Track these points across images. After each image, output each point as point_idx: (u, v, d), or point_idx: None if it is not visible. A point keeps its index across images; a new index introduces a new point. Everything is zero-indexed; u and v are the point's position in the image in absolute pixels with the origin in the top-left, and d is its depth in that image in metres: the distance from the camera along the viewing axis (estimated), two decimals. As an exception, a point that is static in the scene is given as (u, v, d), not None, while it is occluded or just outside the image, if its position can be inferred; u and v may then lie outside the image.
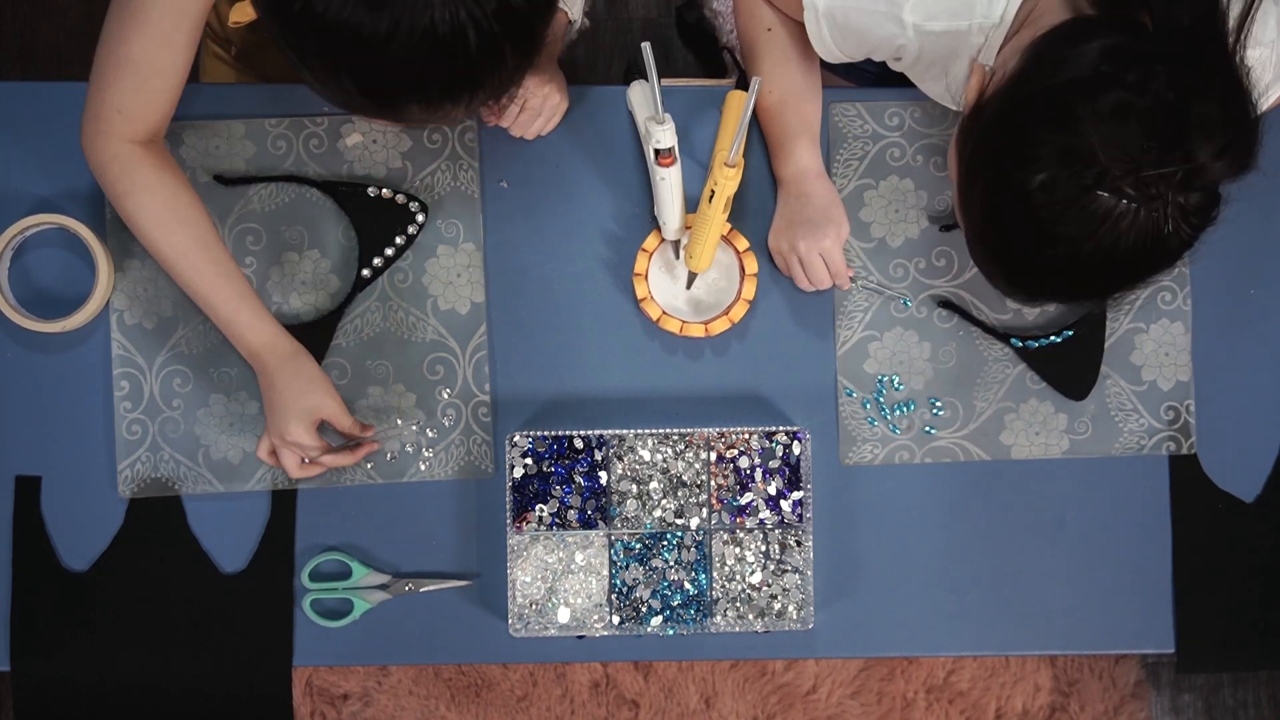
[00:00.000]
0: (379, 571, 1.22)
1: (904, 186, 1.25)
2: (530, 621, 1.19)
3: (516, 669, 1.95)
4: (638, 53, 1.38)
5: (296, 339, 1.16)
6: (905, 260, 1.25)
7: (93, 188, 1.21)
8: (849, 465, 1.24)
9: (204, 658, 1.21)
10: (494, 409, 1.23)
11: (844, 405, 1.25)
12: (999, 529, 1.25)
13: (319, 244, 1.22)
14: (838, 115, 1.25)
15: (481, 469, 1.23)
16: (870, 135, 1.25)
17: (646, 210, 1.22)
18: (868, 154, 1.25)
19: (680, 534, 1.20)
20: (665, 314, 1.22)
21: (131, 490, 1.21)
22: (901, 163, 1.25)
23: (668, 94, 1.25)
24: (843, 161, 1.25)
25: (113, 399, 1.21)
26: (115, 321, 1.22)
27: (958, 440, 1.25)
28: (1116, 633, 1.25)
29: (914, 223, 1.25)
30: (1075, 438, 1.25)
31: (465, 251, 1.23)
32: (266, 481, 1.22)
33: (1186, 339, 1.26)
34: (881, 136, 1.25)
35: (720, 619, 1.20)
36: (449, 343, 1.23)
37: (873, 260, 1.25)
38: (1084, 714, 2.00)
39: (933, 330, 1.25)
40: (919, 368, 1.25)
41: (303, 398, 1.13)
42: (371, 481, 1.23)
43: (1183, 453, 1.26)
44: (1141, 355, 1.26)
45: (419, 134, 1.23)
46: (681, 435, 1.20)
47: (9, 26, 2.03)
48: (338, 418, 1.16)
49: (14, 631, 1.21)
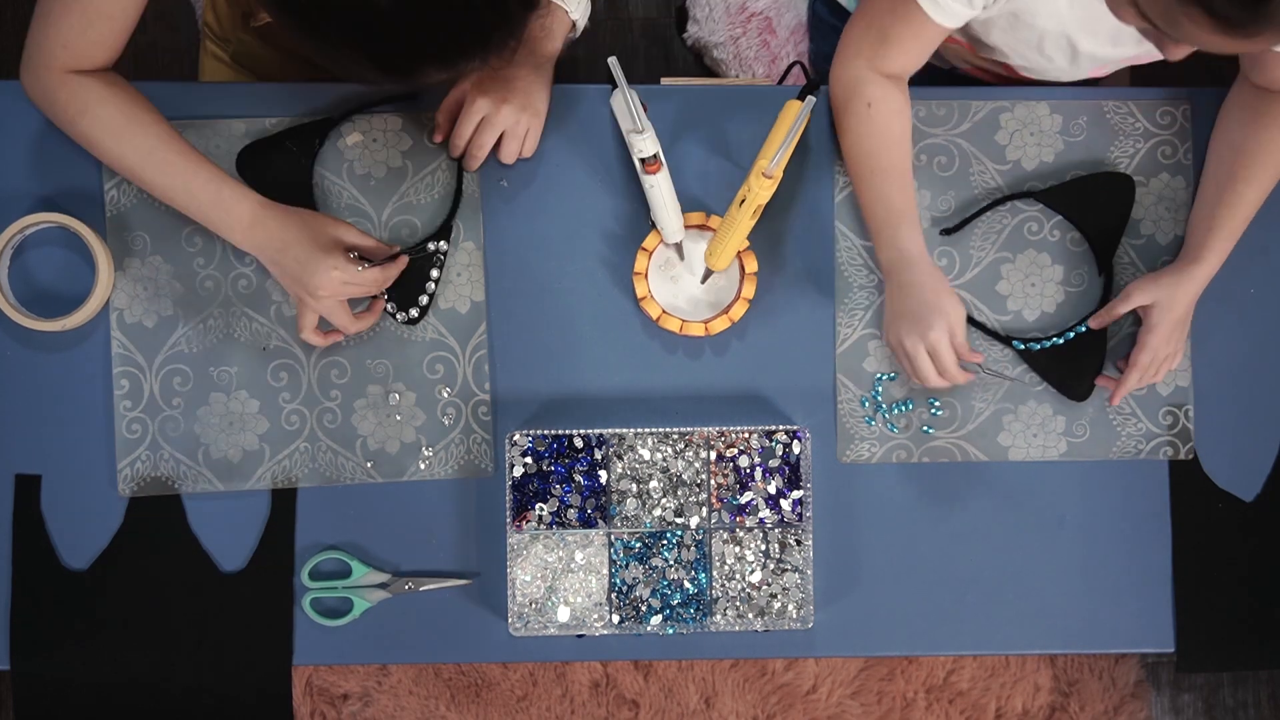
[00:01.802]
0: (379, 570, 1.22)
1: (905, 186, 1.25)
2: (530, 620, 1.19)
3: (516, 669, 1.95)
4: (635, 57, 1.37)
5: None
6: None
7: (93, 187, 1.21)
8: (846, 463, 1.24)
9: (204, 657, 1.21)
10: (494, 408, 1.23)
11: (842, 403, 1.25)
12: (999, 528, 1.25)
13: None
14: (838, 115, 1.25)
15: (481, 468, 1.23)
16: (872, 134, 1.25)
17: (645, 213, 1.22)
18: (869, 153, 1.25)
19: (680, 533, 1.20)
20: (665, 313, 1.22)
21: (131, 489, 1.21)
22: (903, 162, 1.26)
23: (678, 93, 1.26)
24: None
25: (113, 398, 1.21)
26: (115, 320, 1.22)
27: (955, 441, 1.25)
28: (1116, 632, 1.25)
29: (914, 222, 1.25)
30: (1073, 440, 1.25)
31: (465, 250, 1.23)
32: (266, 480, 1.22)
33: (1187, 344, 1.26)
34: (883, 135, 1.25)
35: (720, 618, 1.20)
36: (449, 341, 1.23)
37: (874, 258, 1.25)
38: (1084, 714, 2.00)
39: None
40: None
41: (319, 235, 1.13)
42: (371, 480, 1.23)
43: (1180, 458, 1.25)
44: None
45: (419, 133, 1.23)
46: (681, 434, 1.20)
47: (9, 26, 2.03)
48: (360, 239, 1.16)
49: (14, 631, 1.21)
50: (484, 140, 1.18)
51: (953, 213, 1.25)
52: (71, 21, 1.07)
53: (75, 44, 1.08)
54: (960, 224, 1.24)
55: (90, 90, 1.10)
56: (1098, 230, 1.25)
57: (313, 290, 1.12)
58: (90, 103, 1.10)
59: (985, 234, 1.25)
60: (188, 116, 1.21)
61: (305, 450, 1.22)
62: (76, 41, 1.08)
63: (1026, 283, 1.26)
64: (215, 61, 1.41)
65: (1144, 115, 1.26)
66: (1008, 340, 1.24)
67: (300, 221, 1.13)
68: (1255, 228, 1.25)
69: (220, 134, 1.22)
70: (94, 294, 1.18)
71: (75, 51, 1.09)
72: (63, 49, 1.08)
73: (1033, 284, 1.26)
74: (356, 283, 1.14)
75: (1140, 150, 1.26)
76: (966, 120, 1.26)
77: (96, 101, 1.10)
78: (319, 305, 1.14)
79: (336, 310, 1.15)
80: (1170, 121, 1.26)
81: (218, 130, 1.22)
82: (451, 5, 0.86)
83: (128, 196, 1.21)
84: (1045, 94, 1.26)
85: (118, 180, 1.21)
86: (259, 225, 1.12)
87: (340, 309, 1.15)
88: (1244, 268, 1.26)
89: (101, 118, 1.10)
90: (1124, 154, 1.26)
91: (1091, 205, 1.23)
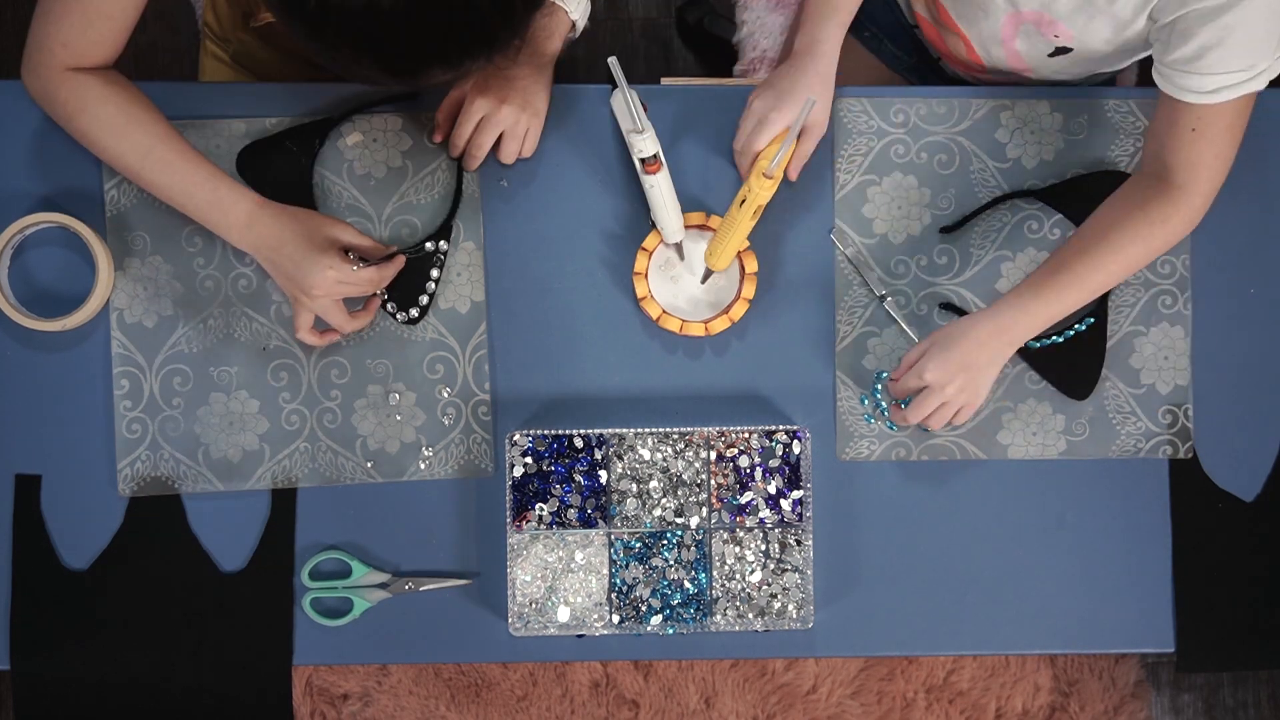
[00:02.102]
0: (379, 570, 1.22)
1: (907, 183, 1.25)
2: (530, 620, 1.19)
3: (517, 669, 1.95)
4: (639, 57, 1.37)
5: None
6: (907, 257, 1.25)
7: (93, 187, 1.21)
8: (846, 460, 1.24)
9: (204, 657, 1.21)
10: (494, 408, 1.23)
11: (841, 401, 1.25)
12: (999, 528, 1.25)
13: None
14: (843, 111, 1.25)
15: (481, 468, 1.23)
16: (875, 131, 1.25)
17: (645, 213, 1.22)
18: (872, 150, 1.25)
19: (680, 533, 1.20)
20: (665, 313, 1.22)
21: (131, 489, 1.21)
22: (905, 159, 1.25)
23: (678, 93, 1.26)
24: (847, 157, 1.25)
25: (112, 398, 1.21)
26: (115, 320, 1.22)
27: (955, 439, 1.25)
28: (1116, 632, 1.25)
29: (917, 220, 1.25)
30: (1073, 439, 1.25)
31: (465, 250, 1.23)
32: (266, 480, 1.22)
33: (1186, 343, 1.26)
34: (886, 133, 1.25)
35: (720, 618, 1.20)
36: (449, 341, 1.23)
37: (874, 256, 1.25)
38: (1084, 714, 2.00)
39: (932, 328, 1.25)
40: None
41: (315, 234, 1.12)
42: (371, 480, 1.23)
43: (1179, 457, 1.25)
44: (1141, 358, 1.26)
45: (419, 133, 1.23)
46: (681, 434, 1.20)
47: (9, 26, 2.03)
48: (356, 239, 1.15)
49: (14, 631, 1.21)
50: (483, 140, 1.18)
51: (952, 210, 1.25)
52: (72, 20, 1.08)
53: (75, 42, 1.08)
54: (960, 222, 1.24)
55: (90, 89, 1.10)
56: None
57: (307, 289, 1.12)
58: (89, 101, 1.10)
59: (985, 232, 1.25)
60: (188, 116, 1.21)
61: (305, 450, 1.22)
62: (76, 40, 1.08)
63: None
64: (215, 61, 1.41)
65: (1145, 114, 1.26)
66: None
67: (296, 221, 1.13)
68: (1255, 229, 1.26)
69: (220, 134, 1.22)
70: (94, 293, 1.18)
71: (75, 50, 1.09)
72: (62, 47, 1.08)
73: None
74: (351, 282, 1.14)
75: (1141, 148, 1.26)
76: (967, 118, 1.26)
77: (96, 100, 1.10)
78: (314, 304, 1.14)
79: (331, 309, 1.15)
80: None
81: (218, 130, 1.22)
82: (454, 5, 0.86)
83: (128, 196, 1.21)
84: (1046, 93, 1.26)
85: (118, 180, 1.21)
86: (255, 225, 1.12)
87: (335, 308, 1.15)
88: (1244, 267, 1.26)
89: (100, 116, 1.10)
90: (1124, 152, 1.26)
91: (1092, 204, 1.23)
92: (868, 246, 1.25)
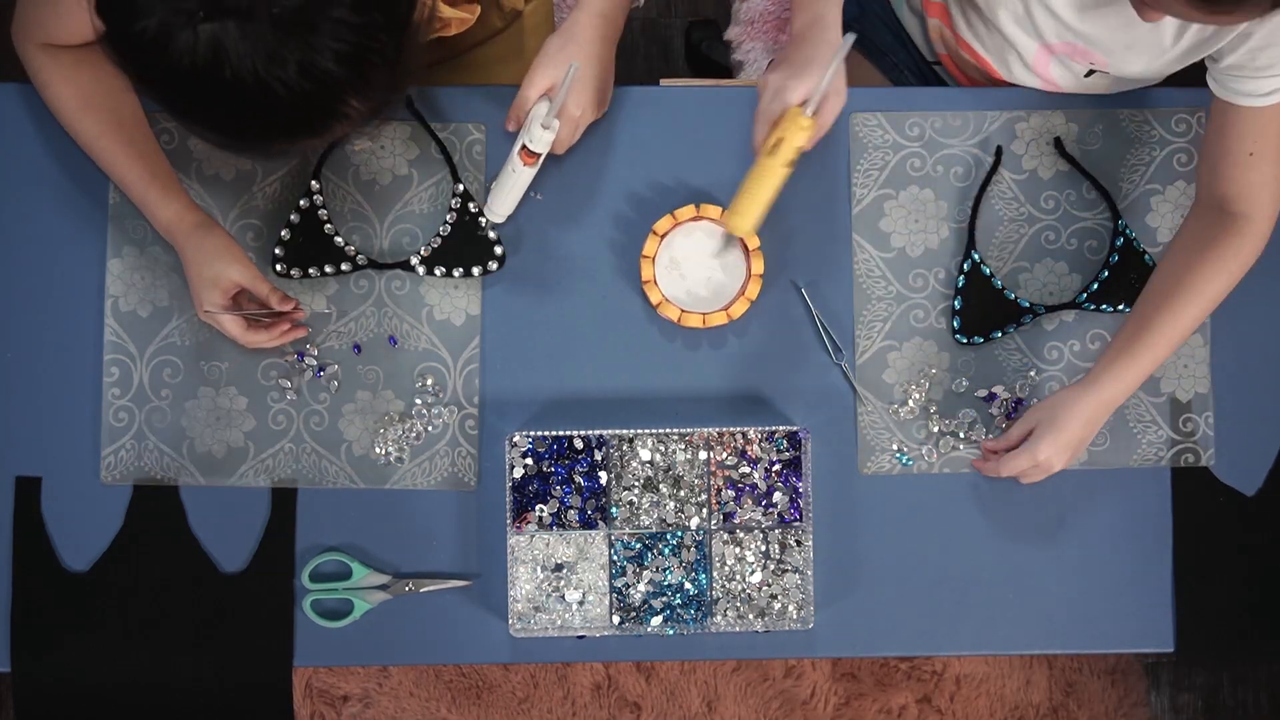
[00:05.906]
0: (379, 572, 1.22)
1: (924, 197, 1.25)
2: (530, 621, 1.19)
3: (518, 670, 1.95)
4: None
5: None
6: (925, 270, 1.25)
7: (97, 175, 1.22)
8: (868, 475, 1.24)
9: (204, 658, 1.21)
10: (481, 423, 1.23)
11: (863, 415, 1.24)
12: (999, 528, 1.25)
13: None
14: (858, 125, 1.25)
15: (464, 481, 1.23)
16: (891, 145, 1.25)
17: (646, 214, 1.22)
18: (888, 164, 1.25)
19: (680, 534, 1.20)
20: (665, 300, 1.20)
21: (113, 477, 1.21)
22: (922, 173, 1.25)
23: (677, 93, 1.26)
24: (863, 171, 1.25)
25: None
26: (110, 307, 1.22)
27: (976, 451, 1.24)
28: (1116, 632, 1.25)
29: (934, 233, 1.25)
30: (1093, 449, 1.25)
31: (465, 252, 1.23)
32: (249, 478, 1.22)
33: (1205, 350, 1.26)
34: (902, 146, 1.25)
35: (720, 619, 1.20)
36: (440, 353, 1.23)
37: (892, 270, 1.25)
38: (1084, 714, 2.00)
39: (949, 341, 1.25)
40: (938, 378, 1.25)
41: (208, 266, 1.13)
42: (353, 486, 1.22)
43: (1201, 464, 1.25)
44: (1161, 367, 1.24)
45: (426, 142, 1.23)
46: (682, 435, 1.20)
47: (9, 26, 2.03)
48: (251, 284, 1.14)
49: (14, 631, 1.21)
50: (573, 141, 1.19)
51: (966, 219, 1.25)
52: (46, 10, 1.11)
53: (46, 22, 1.12)
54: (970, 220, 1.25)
55: (57, 68, 1.14)
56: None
57: (198, 306, 1.16)
58: (54, 80, 1.14)
59: (1003, 244, 1.25)
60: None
61: (290, 451, 1.22)
62: (48, 20, 1.12)
63: (1044, 291, 1.25)
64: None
65: (1159, 123, 1.26)
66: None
67: (197, 247, 1.14)
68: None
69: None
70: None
71: (47, 29, 1.12)
72: (36, 25, 1.13)
73: (1050, 293, 1.25)
74: (218, 324, 1.16)
75: (1156, 158, 1.26)
76: (982, 130, 1.26)
77: (61, 79, 1.14)
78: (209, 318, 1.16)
79: (224, 325, 1.16)
80: (1186, 129, 1.26)
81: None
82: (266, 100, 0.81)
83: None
84: (1061, 103, 1.26)
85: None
86: (171, 235, 1.16)
87: (228, 324, 1.15)
88: (1264, 272, 1.24)
89: (61, 95, 1.14)
90: (1140, 162, 1.26)
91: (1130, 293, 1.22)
92: (885, 260, 1.25)
